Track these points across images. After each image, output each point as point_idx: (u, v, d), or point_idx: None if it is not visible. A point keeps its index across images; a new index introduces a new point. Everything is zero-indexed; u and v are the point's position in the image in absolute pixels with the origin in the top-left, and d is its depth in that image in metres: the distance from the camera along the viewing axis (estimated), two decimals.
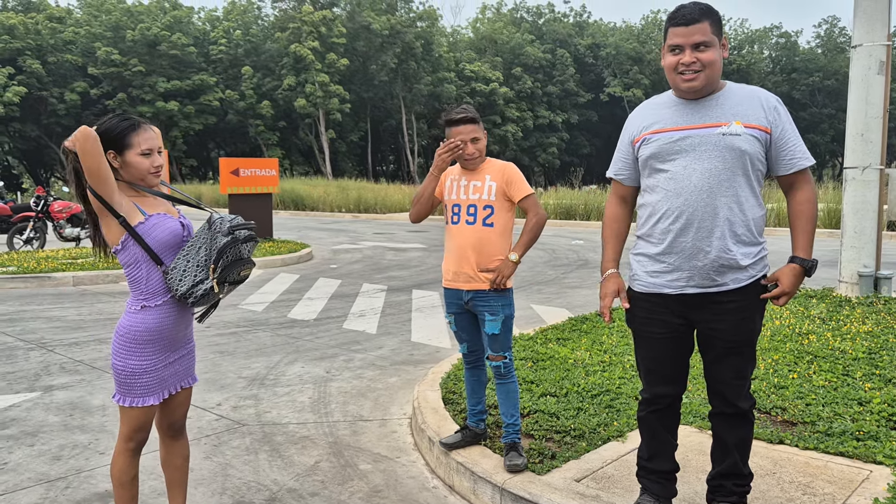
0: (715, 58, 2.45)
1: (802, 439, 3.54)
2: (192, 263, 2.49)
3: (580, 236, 18.07)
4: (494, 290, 3.30)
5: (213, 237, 2.50)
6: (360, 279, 10.54)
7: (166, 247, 2.53)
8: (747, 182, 2.50)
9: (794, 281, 2.51)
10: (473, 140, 3.32)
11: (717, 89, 2.54)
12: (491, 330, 3.33)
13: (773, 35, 66.53)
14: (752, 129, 2.47)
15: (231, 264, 2.51)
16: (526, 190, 3.35)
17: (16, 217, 14.58)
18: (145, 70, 44.82)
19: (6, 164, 50.52)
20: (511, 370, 3.40)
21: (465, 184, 3.41)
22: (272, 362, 5.78)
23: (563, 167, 61.14)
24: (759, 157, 2.51)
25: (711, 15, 2.46)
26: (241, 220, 2.60)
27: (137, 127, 2.55)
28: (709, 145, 2.48)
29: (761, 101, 2.52)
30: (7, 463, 3.72)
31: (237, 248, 2.52)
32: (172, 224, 2.57)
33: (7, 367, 5.61)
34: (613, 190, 2.85)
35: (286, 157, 52.37)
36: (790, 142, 2.51)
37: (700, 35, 2.42)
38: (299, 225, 22.34)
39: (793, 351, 5.17)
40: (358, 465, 3.71)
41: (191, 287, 2.48)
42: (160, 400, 2.58)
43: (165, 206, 2.66)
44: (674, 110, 2.57)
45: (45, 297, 9.02)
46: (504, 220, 3.36)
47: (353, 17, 50.84)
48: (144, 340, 2.51)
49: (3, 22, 41.76)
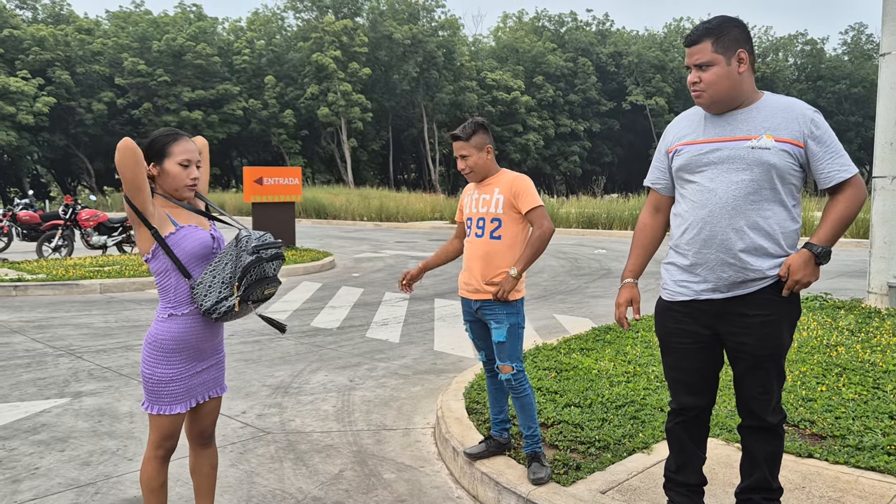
0: (717, 77, 2.47)
1: (832, 453, 3.49)
2: (217, 279, 2.51)
3: (603, 245, 17.98)
4: (499, 301, 3.33)
5: (239, 255, 2.52)
6: (382, 288, 10.58)
7: (196, 257, 2.56)
8: (776, 196, 2.48)
9: (800, 265, 2.43)
10: (462, 157, 3.43)
11: (749, 102, 2.52)
12: (497, 338, 3.36)
13: (798, 42, 65.86)
14: (784, 143, 2.44)
15: (255, 283, 2.53)
16: (532, 202, 3.35)
17: (45, 225, 14.85)
18: (170, 80, 45.49)
19: (35, 172, 51.49)
20: (522, 382, 3.38)
21: (477, 197, 3.49)
22: (296, 370, 5.82)
23: (585, 176, 60.95)
24: (792, 171, 2.47)
25: (714, 33, 2.47)
26: (269, 237, 2.61)
27: (178, 138, 2.60)
28: (737, 158, 2.47)
29: (797, 114, 2.47)
30: (38, 468, 3.78)
31: (261, 268, 2.53)
32: (202, 235, 2.60)
33: (38, 373, 5.71)
34: (649, 199, 2.87)
35: (308, 166, 52.77)
36: (828, 155, 2.45)
37: (699, 55, 2.49)
38: (321, 233, 22.48)
39: (821, 363, 5.10)
40: (382, 474, 3.72)
41: (215, 303, 2.51)
42: (187, 408, 2.61)
43: (198, 218, 2.69)
44: (706, 122, 2.58)
45: (73, 304, 9.16)
46: (514, 233, 3.38)
47: (375, 27, 51.21)
48: (171, 349, 2.55)
49: (33, 34, 42.63)
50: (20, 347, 6.59)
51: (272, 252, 2.56)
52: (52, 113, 41.71)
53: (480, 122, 3.46)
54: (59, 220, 14.28)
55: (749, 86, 2.52)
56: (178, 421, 2.62)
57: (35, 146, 43.46)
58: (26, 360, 6.10)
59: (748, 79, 2.51)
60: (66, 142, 45.50)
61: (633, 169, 63.84)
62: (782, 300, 2.51)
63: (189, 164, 2.61)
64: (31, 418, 4.59)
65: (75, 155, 47.27)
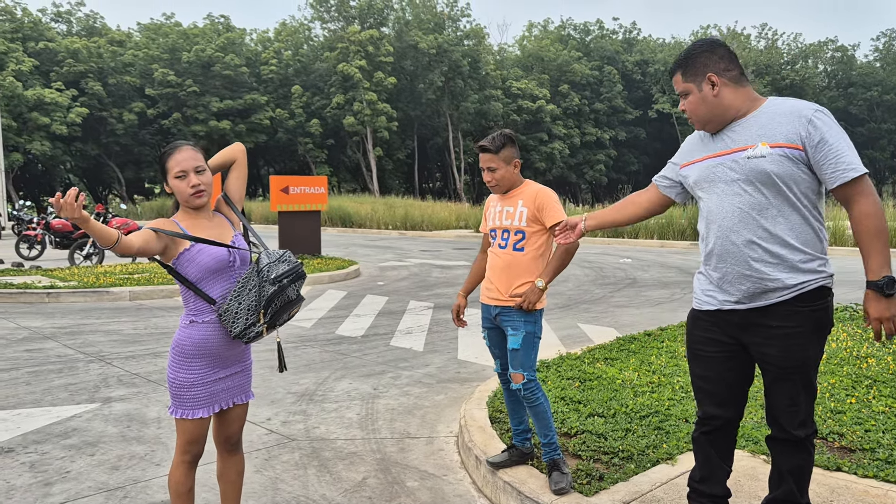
0: (693, 104, 2.57)
1: (861, 467, 3.44)
2: (243, 306, 2.55)
3: (628, 254, 17.86)
4: (519, 309, 3.35)
5: (262, 285, 2.56)
6: (406, 296, 10.62)
7: (210, 271, 2.59)
8: (786, 202, 2.44)
9: (874, 306, 2.37)
10: (489, 169, 3.42)
11: (744, 113, 2.53)
12: (512, 345, 3.37)
13: (828, 49, 64.88)
14: (780, 147, 2.41)
15: (280, 309, 2.60)
16: (557, 217, 3.36)
17: (77, 233, 15.16)
18: (199, 90, 46.21)
19: (68, 181, 52.54)
20: (533, 392, 3.37)
21: (500, 209, 3.51)
22: (321, 378, 5.86)
23: (611, 184, 60.59)
24: (797, 174, 2.42)
25: (682, 65, 2.59)
26: (288, 259, 2.62)
27: (171, 152, 2.60)
28: (737, 170, 2.49)
29: (794, 115, 2.41)
30: (69, 472, 3.86)
31: (284, 295, 2.58)
32: (217, 250, 2.61)
33: (69, 378, 5.82)
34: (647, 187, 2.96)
35: (334, 175, 53.17)
36: (832, 153, 2.36)
37: (676, 86, 2.64)
38: (347, 242, 22.62)
39: (850, 375, 5.02)
40: (405, 482, 3.74)
41: (244, 329, 2.57)
42: (210, 413, 2.66)
43: (219, 229, 2.70)
44: (708, 140, 2.65)
45: (103, 310, 9.33)
46: (537, 245, 3.39)
47: (400, 37, 51.56)
48: (192, 354, 2.60)
49: (67, 46, 43.63)
50: (52, 353, 6.73)
51: (293, 276, 2.60)
52: (85, 123, 42.59)
53: (509, 134, 3.45)
54: None
55: (734, 100, 2.52)
56: (202, 425, 2.66)
57: (68, 156, 44.37)
58: (58, 366, 6.23)
59: (730, 95, 2.52)
60: (98, 151, 46.40)
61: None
62: (807, 312, 2.47)
63: (185, 175, 2.59)
64: (63, 423, 4.68)
65: (106, 164, 48.17)
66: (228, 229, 2.74)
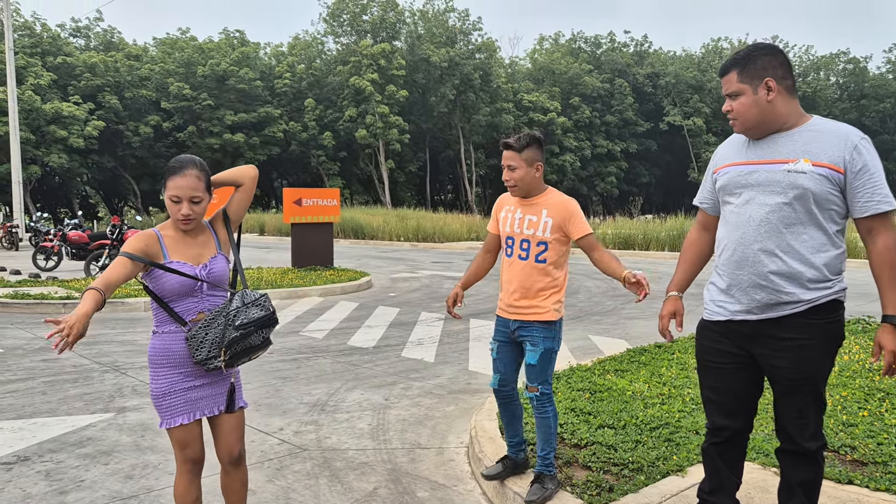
0: (745, 106, 2.50)
1: (873, 480, 3.42)
2: (209, 338, 2.60)
3: (639, 266, 17.81)
4: (540, 323, 3.33)
5: (227, 326, 2.59)
6: (418, 308, 10.65)
7: (175, 294, 2.64)
8: (813, 221, 2.45)
9: (892, 340, 2.42)
10: (510, 167, 3.33)
11: (792, 125, 2.51)
12: (529, 360, 3.36)
13: (840, 61, 64.66)
14: (822, 167, 2.41)
15: (239, 353, 2.64)
16: (584, 230, 3.33)
17: (93, 245, 15.32)
18: (214, 104, 46.64)
19: (84, 193, 53.10)
20: (545, 404, 3.38)
21: (521, 217, 3.39)
22: (332, 389, 5.90)
23: (622, 196, 60.45)
24: (830, 196, 2.43)
25: (740, 63, 2.51)
26: (263, 306, 2.64)
27: (175, 171, 2.61)
28: (773, 182, 2.47)
29: (841, 139, 2.43)
30: (84, 480, 3.91)
31: (247, 341, 2.62)
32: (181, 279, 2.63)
33: (84, 388, 5.89)
34: (697, 217, 2.93)
35: (347, 187, 53.40)
36: (869, 183, 2.40)
37: (728, 86, 2.56)
38: (359, 253, 22.70)
39: (863, 387, 5.00)
40: (416, 492, 3.76)
41: (205, 359, 2.61)
42: (191, 419, 2.69)
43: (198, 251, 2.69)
44: (748, 146, 2.61)
45: (118, 321, 9.42)
46: (558, 256, 3.35)
47: (412, 50, 51.89)
48: (159, 363, 2.68)
49: (85, 61, 44.21)
50: (68, 363, 6.81)
51: (259, 324, 2.63)
52: (102, 136, 43.05)
53: (536, 136, 3.36)
54: (107, 239, 14.71)
55: (785, 110, 2.50)
56: (188, 431, 2.70)
57: (84, 168, 44.83)
58: (74, 376, 6.30)
59: (782, 104, 2.49)
60: (114, 164, 46.86)
61: (671, 190, 63.16)
62: (819, 325, 2.48)
63: (179, 201, 2.60)
64: (78, 432, 4.74)
65: (122, 176, 48.63)
66: (210, 248, 2.74)
